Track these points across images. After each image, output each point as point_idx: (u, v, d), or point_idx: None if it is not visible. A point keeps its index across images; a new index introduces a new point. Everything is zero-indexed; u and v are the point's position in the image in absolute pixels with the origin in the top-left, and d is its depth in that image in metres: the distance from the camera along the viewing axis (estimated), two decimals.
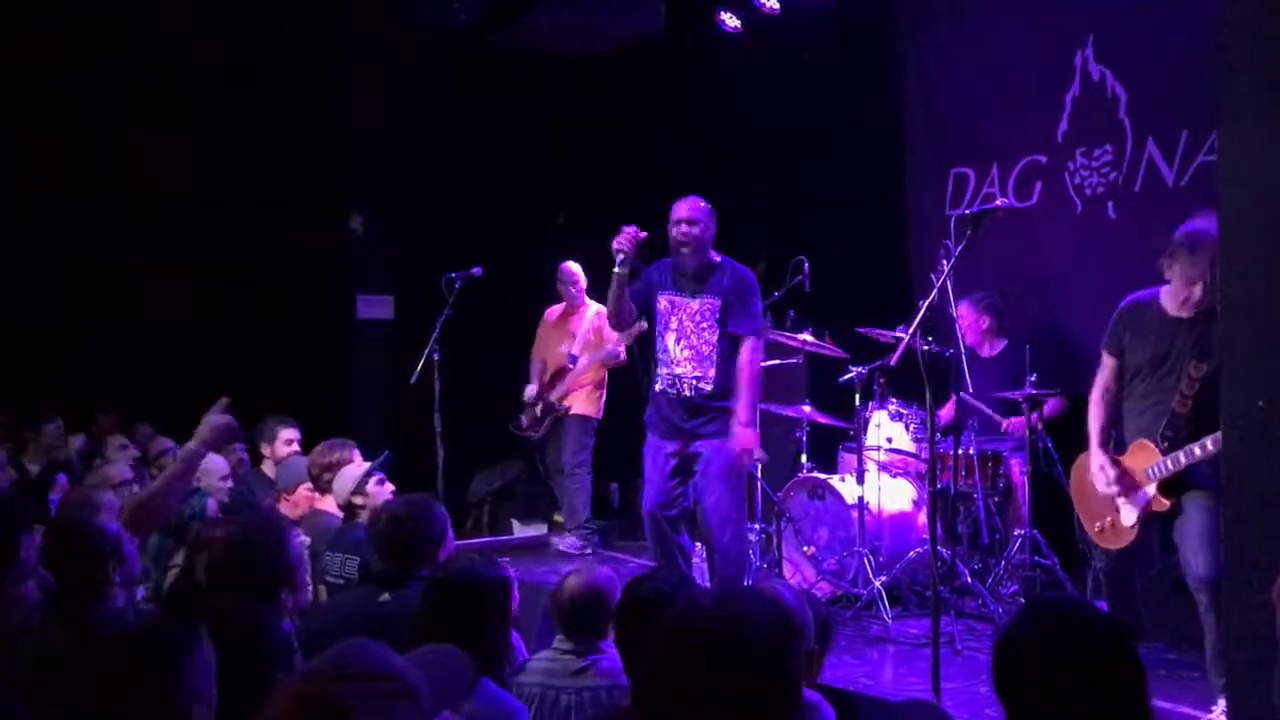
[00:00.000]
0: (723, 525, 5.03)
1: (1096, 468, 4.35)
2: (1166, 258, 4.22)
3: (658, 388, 5.14)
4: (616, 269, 5.06)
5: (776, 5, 7.51)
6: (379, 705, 1.66)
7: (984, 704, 4.39)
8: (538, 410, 7.25)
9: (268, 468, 5.80)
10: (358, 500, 4.48)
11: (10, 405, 7.39)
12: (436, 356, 6.19)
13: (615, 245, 5.03)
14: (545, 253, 7.32)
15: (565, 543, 7.18)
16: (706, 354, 5.00)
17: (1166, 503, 4.19)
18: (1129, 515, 4.31)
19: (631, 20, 8.41)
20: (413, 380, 6.24)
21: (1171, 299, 4.27)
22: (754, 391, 5.00)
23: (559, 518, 7.76)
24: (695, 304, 5.05)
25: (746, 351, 4.99)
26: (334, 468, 4.82)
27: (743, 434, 4.96)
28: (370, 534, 3.83)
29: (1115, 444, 4.44)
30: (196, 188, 8.61)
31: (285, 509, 4.93)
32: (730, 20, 7.88)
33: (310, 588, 3.35)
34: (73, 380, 8.15)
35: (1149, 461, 4.21)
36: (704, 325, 5.02)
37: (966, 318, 6.18)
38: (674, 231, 5.02)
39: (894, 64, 7.54)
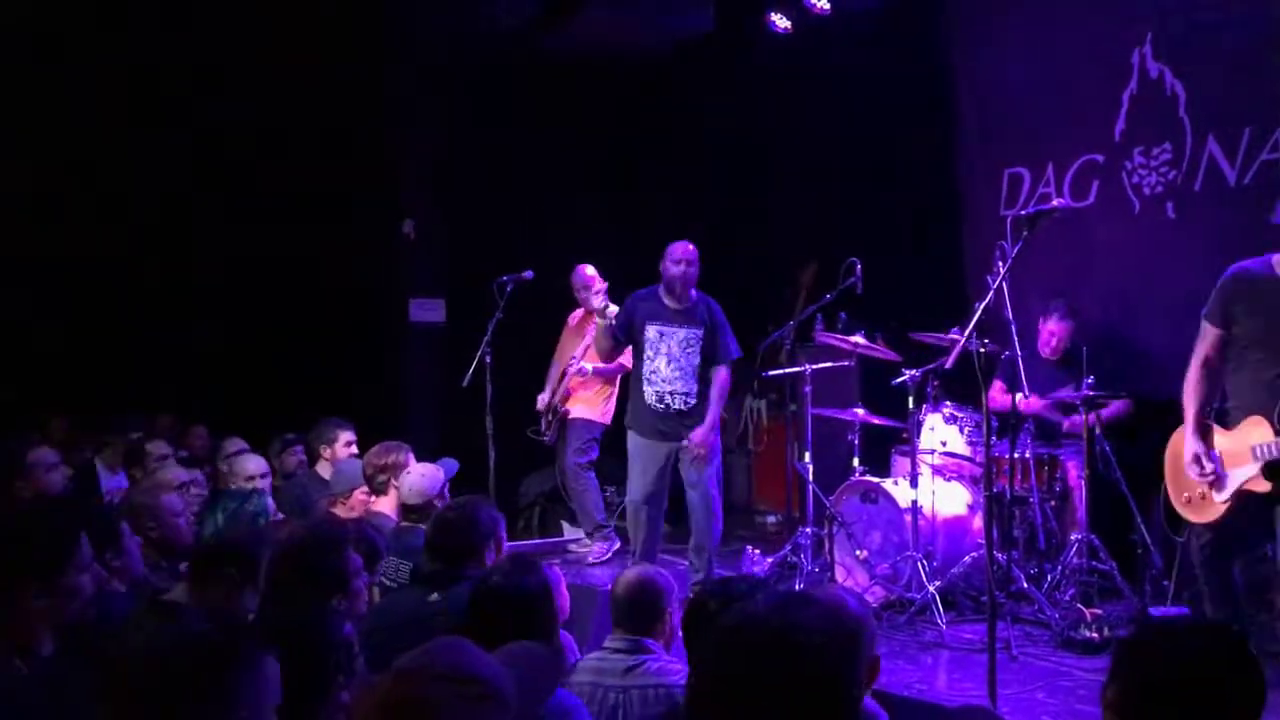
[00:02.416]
0: (704, 499, 5.97)
1: (1191, 458, 4.15)
2: None
3: (647, 402, 5.98)
4: (602, 321, 6.07)
5: (827, 5, 7.47)
6: (466, 708, 1.69)
7: (1040, 710, 4.35)
8: (549, 415, 7.21)
9: (323, 469, 5.84)
10: (439, 505, 4.48)
11: (94, 408, 7.55)
12: (488, 359, 6.22)
13: (609, 315, 6.05)
14: (596, 254, 7.31)
15: (593, 553, 6.91)
16: (691, 373, 5.95)
17: (1267, 485, 4.00)
18: (1222, 492, 4.13)
19: (681, 21, 8.40)
20: (465, 383, 6.29)
21: None
22: (721, 404, 6.03)
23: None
24: (683, 333, 5.96)
25: (723, 373, 5.98)
26: (389, 470, 4.86)
27: (702, 433, 5.91)
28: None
29: (1217, 415, 4.23)
30: (248, 193, 8.70)
31: (340, 512, 4.95)
32: (780, 21, 7.85)
33: (366, 596, 3.37)
34: (122, 381, 8.27)
35: (1261, 440, 4.01)
36: (689, 350, 5.96)
37: (1057, 329, 6.12)
38: (674, 270, 5.91)
39: (946, 63, 7.48)
